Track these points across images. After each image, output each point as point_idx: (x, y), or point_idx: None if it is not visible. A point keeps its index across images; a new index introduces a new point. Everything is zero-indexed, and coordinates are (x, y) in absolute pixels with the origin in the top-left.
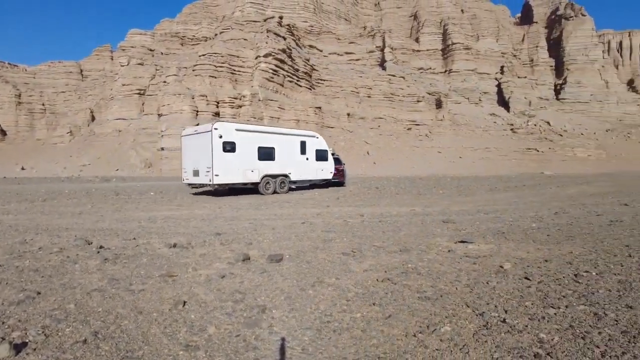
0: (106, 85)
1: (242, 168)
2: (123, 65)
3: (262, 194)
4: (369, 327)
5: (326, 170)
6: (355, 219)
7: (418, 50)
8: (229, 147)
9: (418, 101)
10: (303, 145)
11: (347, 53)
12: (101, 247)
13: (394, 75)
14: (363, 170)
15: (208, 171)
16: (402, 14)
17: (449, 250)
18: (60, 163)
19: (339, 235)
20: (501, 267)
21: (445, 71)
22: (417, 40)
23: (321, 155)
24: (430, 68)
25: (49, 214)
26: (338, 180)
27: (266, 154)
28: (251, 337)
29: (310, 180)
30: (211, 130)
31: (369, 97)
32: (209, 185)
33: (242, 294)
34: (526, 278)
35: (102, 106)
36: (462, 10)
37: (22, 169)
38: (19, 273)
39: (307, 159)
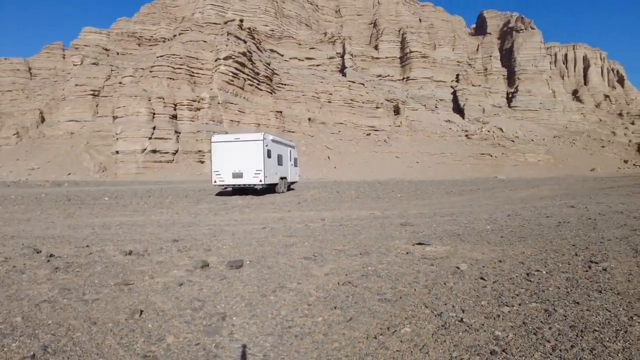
0: (57, 85)
1: (273, 171)
2: (76, 65)
3: (277, 192)
4: (330, 331)
5: (296, 174)
6: (317, 223)
7: (377, 58)
8: (269, 154)
9: (377, 107)
10: (291, 153)
11: (307, 58)
12: (51, 255)
13: (353, 82)
14: (324, 174)
15: (257, 174)
16: (362, 21)
17: (407, 253)
18: (6, 166)
19: (300, 240)
20: (457, 268)
21: (403, 78)
22: (376, 47)
23: (295, 161)
24: (389, 75)
25: None
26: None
27: (280, 160)
28: (211, 345)
29: (293, 182)
30: (263, 139)
31: (329, 102)
32: (259, 185)
33: (201, 302)
34: (482, 278)
35: (53, 107)
36: (420, 20)
37: None
38: None
39: (292, 164)
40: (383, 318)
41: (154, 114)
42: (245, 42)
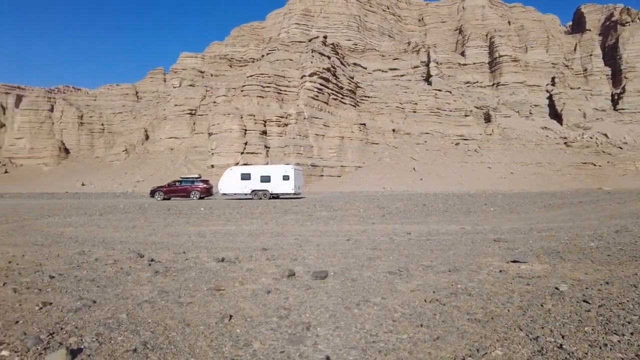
0: (159, 106)
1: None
2: (175, 87)
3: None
4: (415, 349)
5: (288, 186)
6: (402, 237)
7: (464, 64)
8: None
9: (466, 115)
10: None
11: (391, 69)
12: (152, 260)
13: (440, 90)
14: (409, 186)
15: (286, 186)
16: (447, 28)
17: (500, 271)
18: (116, 179)
19: (384, 254)
20: (557, 288)
21: (493, 84)
22: (462, 54)
23: (285, 177)
24: (477, 82)
25: (105, 227)
26: (204, 195)
27: (284, 177)
28: (295, 354)
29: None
30: (292, 167)
31: (414, 112)
32: (291, 194)
33: (287, 310)
34: (585, 301)
35: (156, 126)
36: (508, 22)
37: (82, 184)
38: (77, 282)
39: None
40: (472, 339)
41: (245, 130)
42: (329, 57)
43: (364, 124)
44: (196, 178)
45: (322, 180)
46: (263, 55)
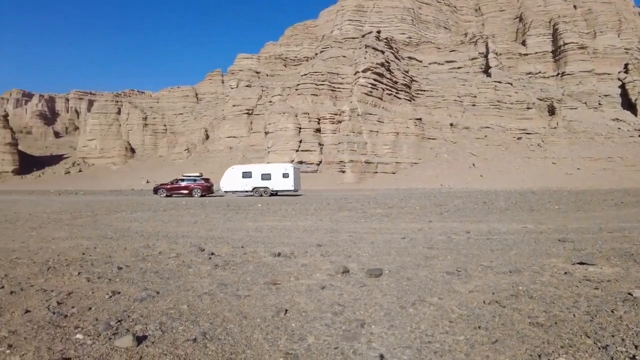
0: (218, 106)
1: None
2: (233, 88)
3: (263, 196)
4: (472, 352)
5: (288, 183)
6: (460, 236)
7: (525, 54)
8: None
9: (528, 108)
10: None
11: (448, 62)
12: (212, 253)
13: (500, 82)
14: (468, 183)
15: (286, 183)
16: (506, 17)
17: (565, 273)
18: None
19: (442, 253)
20: (629, 294)
21: (558, 74)
22: (523, 43)
23: (285, 175)
24: (540, 72)
25: (168, 222)
26: (205, 193)
27: (284, 175)
28: (349, 351)
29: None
30: (292, 166)
31: (473, 105)
32: (291, 191)
33: (341, 307)
34: None
35: (215, 125)
36: (574, 6)
37: (147, 182)
38: (143, 274)
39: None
40: (534, 344)
41: (300, 128)
42: (382, 52)
43: (420, 119)
44: (198, 176)
45: (376, 177)
46: (316, 54)
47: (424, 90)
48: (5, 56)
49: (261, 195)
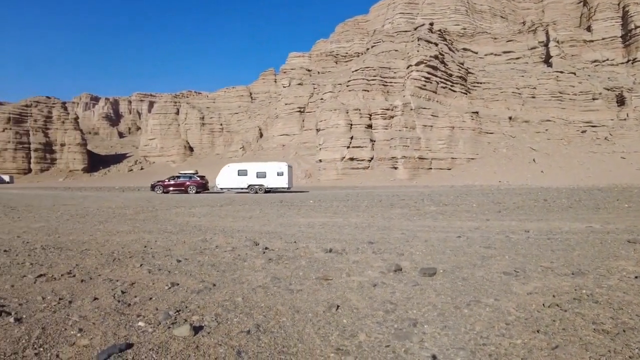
0: (271, 105)
1: (283, 181)
2: (285, 87)
3: (257, 193)
4: (530, 356)
5: (282, 181)
6: (519, 235)
7: (590, 41)
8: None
9: (594, 99)
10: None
11: (505, 52)
12: (266, 248)
13: (562, 72)
14: (528, 180)
15: (280, 181)
16: (568, 1)
17: (636, 277)
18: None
19: (499, 252)
20: None
21: (628, 61)
22: (588, 29)
23: (279, 174)
24: (608, 59)
25: (224, 218)
26: (200, 190)
27: (279, 174)
28: (400, 350)
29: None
30: (286, 164)
31: (533, 97)
32: (285, 189)
33: (393, 305)
34: None
35: (269, 124)
36: None
37: None
38: (200, 267)
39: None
40: (598, 352)
41: (351, 124)
42: (436, 44)
43: (477, 113)
44: (193, 174)
45: (431, 174)
46: (367, 49)
47: (481, 83)
48: (76, 63)
49: (256, 192)
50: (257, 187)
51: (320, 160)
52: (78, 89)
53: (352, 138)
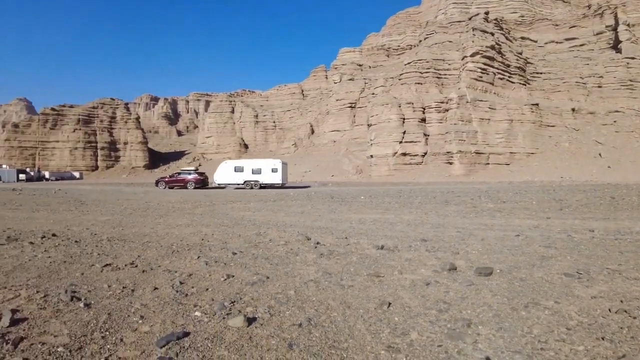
0: (322, 101)
1: (277, 177)
2: (336, 82)
3: (252, 188)
4: None
5: (277, 177)
6: (583, 235)
7: None
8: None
9: None
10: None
11: (567, 39)
12: (318, 243)
13: (633, 58)
14: (593, 176)
15: (274, 177)
16: None
17: None
18: (289, 170)
19: (560, 253)
20: None
21: None
22: None
23: (274, 170)
24: None
25: (277, 212)
26: (199, 186)
27: (273, 170)
28: (453, 350)
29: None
30: (280, 161)
31: (599, 87)
32: (279, 185)
33: (447, 304)
34: None
35: (320, 120)
36: None
37: None
38: (254, 259)
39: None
40: None
41: (403, 119)
42: (492, 34)
43: (537, 104)
44: (193, 170)
45: (488, 169)
46: (420, 41)
47: (541, 73)
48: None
49: (252, 188)
50: (252, 182)
51: (372, 156)
52: (139, 89)
53: (404, 133)
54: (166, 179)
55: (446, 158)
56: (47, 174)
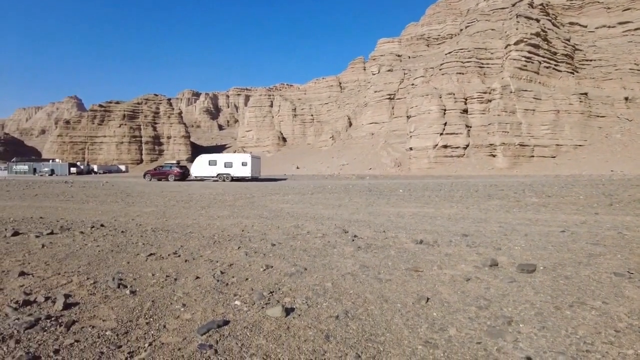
0: (360, 93)
1: (247, 171)
2: (374, 74)
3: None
4: None
5: (246, 171)
6: (635, 232)
7: None
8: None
9: None
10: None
11: (620, 23)
12: (355, 236)
13: None
14: None
15: (244, 171)
16: None
17: None
18: (324, 163)
19: (609, 250)
20: None
21: None
22: None
23: (244, 164)
24: None
25: (315, 205)
26: (178, 178)
27: (243, 164)
28: (493, 348)
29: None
30: (250, 156)
31: None
32: (248, 178)
33: (487, 301)
34: None
35: (358, 113)
36: None
37: (297, 167)
38: (292, 251)
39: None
40: None
41: (444, 110)
42: (537, 21)
43: (586, 94)
44: (174, 164)
45: (532, 162)
46: (461, 30)
47: (591, 60)
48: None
49: (224, 180)
50: (224, 175)
51: (411, 148)
52: (181, 85)
53: (445, 124)
54: (151, 172)
55: (489, 150)
56: (95, 168)
